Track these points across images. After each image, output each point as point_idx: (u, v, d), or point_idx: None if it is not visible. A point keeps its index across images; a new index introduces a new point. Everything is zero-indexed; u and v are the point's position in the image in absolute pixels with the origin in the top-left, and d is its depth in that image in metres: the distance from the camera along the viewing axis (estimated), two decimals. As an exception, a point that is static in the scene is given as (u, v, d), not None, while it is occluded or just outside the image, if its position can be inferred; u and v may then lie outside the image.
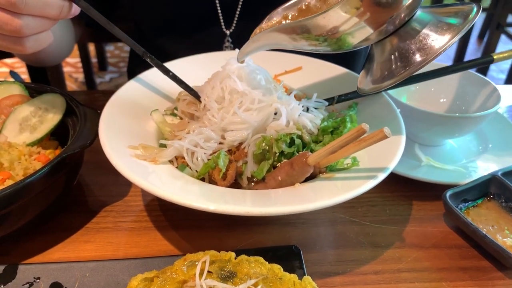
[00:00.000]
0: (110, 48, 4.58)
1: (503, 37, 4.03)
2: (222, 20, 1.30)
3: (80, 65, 3.93)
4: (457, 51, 4.62)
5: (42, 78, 2.17)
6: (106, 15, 1.36)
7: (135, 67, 1.56)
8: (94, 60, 4.19)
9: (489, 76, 4.32)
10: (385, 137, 0.67)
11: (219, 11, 1.29)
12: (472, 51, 5.02)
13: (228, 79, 0.86)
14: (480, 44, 5.13)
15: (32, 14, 0.74)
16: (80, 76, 4.12)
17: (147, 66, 1.03)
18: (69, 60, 4.38)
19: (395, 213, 0.92)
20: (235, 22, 1.30)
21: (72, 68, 4.28)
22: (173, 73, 0.92)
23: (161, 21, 1.34)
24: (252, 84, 0.87)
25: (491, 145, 1.07)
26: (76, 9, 0.80)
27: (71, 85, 4.04)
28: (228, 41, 1.33)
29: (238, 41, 1.31)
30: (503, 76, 4.08)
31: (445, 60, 4.79)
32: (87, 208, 0.91)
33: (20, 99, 0.98)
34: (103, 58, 4.19)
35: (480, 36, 5.25)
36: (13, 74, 1.65)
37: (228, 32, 1.32)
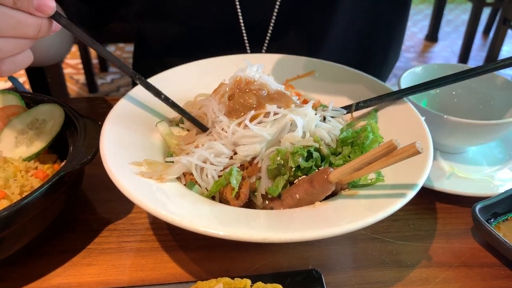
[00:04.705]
0: (111, 49, 4.52)
1: (510, 32, 3.96)
2: (247, 44, 1.21)
3: (81, 66, 3.89)
4: (463, 46, 4.55)
5: (41, 80, 2.11)
6: (105, 17, 1.30)
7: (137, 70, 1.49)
8: (95, 61, 4.15)
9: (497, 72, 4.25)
10: (417, 152, 0.61)
11: (244, 34, 1.20)
12: (478, 47, 4.96)
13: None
14: (486, 40, 5.06)
15: (5, 35, 0.66)
16: (81, 78, 4.06)
17: (152, 72, 0.97)
18: (69, 61, 4.33)
19: (419, 228, 0.86)
20: (265, 46, 1.21)
21: (73, 70, 4.23)
22: (165, 96, 0.84)
23: (177, 41, 1.26)
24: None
25: (518, 151, 1.01)
26: (56, 26, 0.72)
27: (72, 87, 3.98)
28: None
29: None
30: (511, 72, 4.01)
31: (451, 57, 4.74)
32: (89, 227, 0.85)
33: (15, 110, 0.92)
34: (104, 59, 4.13)
35: (485, 32, 5.18)
36: (11, 78, 1.59)
37: None
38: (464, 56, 4.58)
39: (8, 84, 3.77)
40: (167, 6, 1.18)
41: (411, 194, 0.66)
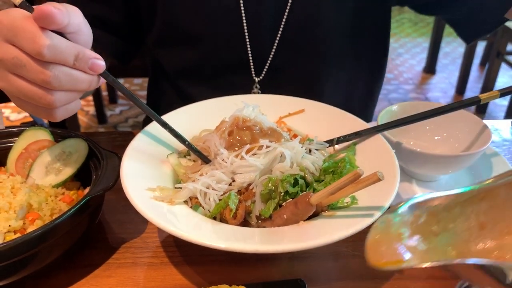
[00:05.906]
0: (120, 81, 4.69)
1: (503, 65, 4.13)
2: (252, 67, 1.35)
3: (91, 98, 4.06)
4: (460, 77, 4.71)
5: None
6: (135, 48, 1.45)
7: (152, 98, 1.64)
8: (104, 93, 4.32)
9: (492, 103, 4.40)
10: (379, 180, 0.75)
11: (251, 58, 1.33)
12: (475, 78, 5.11)
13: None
14: (482, 71, 5.22)
15: (64, 89, 0.78)
16: (91, 109, 4.24)
17: (167, 99, 1.08)
18: (80, 93, 4.50)
19: (394, 246, 0.98)
20: (265, 69, 1.35)
21: (83, 102, 4.41)
22: (189, 142, 0.98)
23: (189, 66, 1.39)
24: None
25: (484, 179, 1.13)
26: (102, 80, 0.85)
27: (82, 118, 4.16)
28: (256, 87, 1.37)
29: (267, 87, 1.37)
30: (506, 102, 4.16)
31: (448, 89, 4.89)
32: (108, 245, 0.98)
33: (46, 144, 1.06)
34: (113, 91, 4.31)
35: (482, 64, 5.36)
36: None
37: (257, 80, 1.36)
38: (461, 87, 4.74)
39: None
40: (180, 33, 1.32)
41: (378, 214, 0.79)
